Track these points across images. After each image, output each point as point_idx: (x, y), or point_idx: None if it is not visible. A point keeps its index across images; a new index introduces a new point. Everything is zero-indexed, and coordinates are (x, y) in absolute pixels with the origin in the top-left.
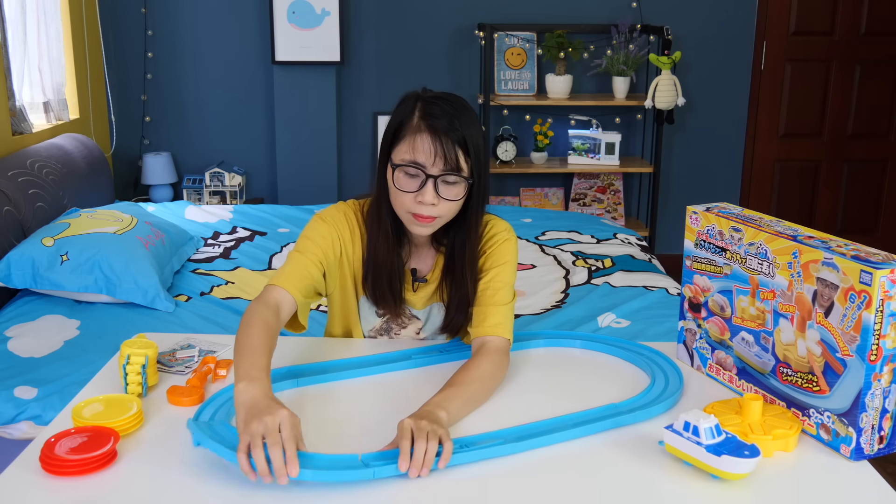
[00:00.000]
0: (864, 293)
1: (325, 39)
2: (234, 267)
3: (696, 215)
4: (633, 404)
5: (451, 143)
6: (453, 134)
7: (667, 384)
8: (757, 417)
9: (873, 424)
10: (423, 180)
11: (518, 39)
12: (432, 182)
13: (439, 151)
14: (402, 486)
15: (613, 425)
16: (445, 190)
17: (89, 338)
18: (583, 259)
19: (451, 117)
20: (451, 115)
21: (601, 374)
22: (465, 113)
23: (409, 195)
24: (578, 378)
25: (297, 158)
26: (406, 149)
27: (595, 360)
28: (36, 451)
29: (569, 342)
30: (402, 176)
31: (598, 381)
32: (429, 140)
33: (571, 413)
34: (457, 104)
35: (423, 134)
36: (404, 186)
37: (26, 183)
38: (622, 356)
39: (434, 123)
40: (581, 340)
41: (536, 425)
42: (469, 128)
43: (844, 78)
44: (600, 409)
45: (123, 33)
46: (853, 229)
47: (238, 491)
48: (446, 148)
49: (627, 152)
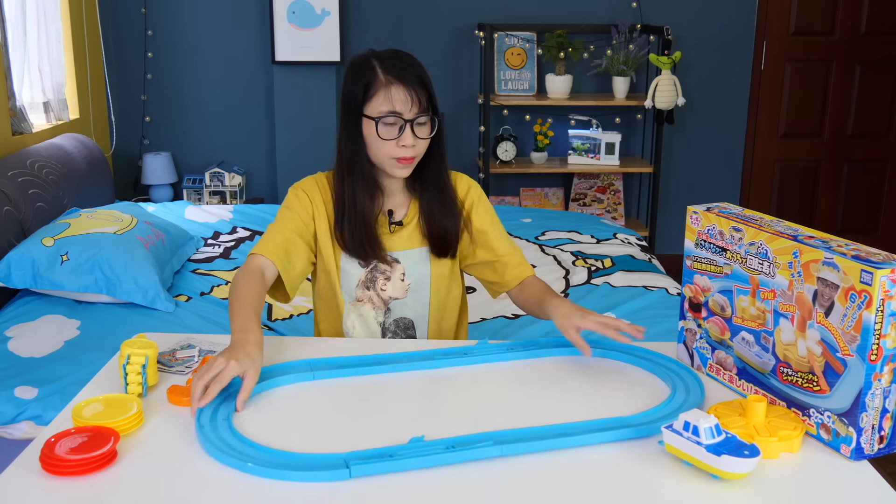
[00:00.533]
0: (865, 293)
1: (325, 39)
2: (234, 267)
3: (697, 215)
4: (652, 415)
5: (417, 87)
6: (416, 80)
7: (688, 395)
8: (761, 419)
9: (873, 424)
10: (402, 126)
11: (518, 39)
12: (410, 126)
13: (413, 97)
14: (391, 488)
15: (631, 435)
16: (420, 130)
17: (89, 338)
18: (583, 259)
19: (410, 66)
20: (409, 65)
21: (619, 382)
22: (415, 61)
23: (389, 143)
24: (593, 386)
25: (297, 158)
26: (382, 101)
27: (613, 368)
28: (36, 451)
29: (555, 351)
30: (382, 126)
31: (616, 389)
32: (403, 89)
33: (579, 421)
34: (406, 55)
35: (396, 85)
36: (386, 135)
37: (26, 183)
38: (643, 366)
39: (401, 75)
40: (601, 350)
41: (543, 429)
42: (424, 71)
43: (844, 78)
44: (615, 420)
45: (123, 33)
46: (853, 229)
47: (238, 491)
48: (416, 92)
49: (627, 152)
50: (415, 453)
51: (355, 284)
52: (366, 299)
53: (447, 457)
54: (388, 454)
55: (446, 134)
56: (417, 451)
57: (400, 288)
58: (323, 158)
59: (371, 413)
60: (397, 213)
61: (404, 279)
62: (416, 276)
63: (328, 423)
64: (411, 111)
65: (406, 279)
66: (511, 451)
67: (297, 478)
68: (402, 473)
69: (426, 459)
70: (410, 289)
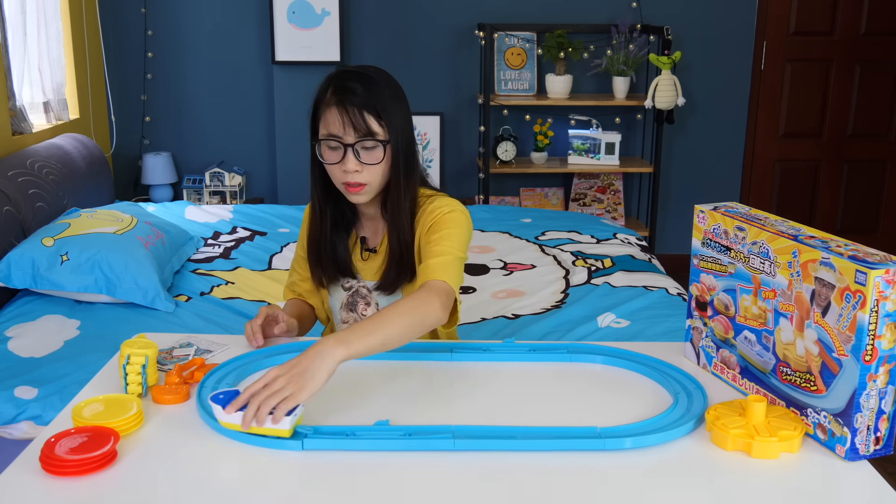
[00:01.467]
0: (859, 293)
1: (325, 39)
2: (234, 267)
3: (703, 214)
4: (645, 426)
5: (357, 110)
6: (360, 102)
7: (689, 406)
8: (761, 419)
9: (868, 425)
10: (343, 150)
11: (518, 39)
12: (351, 150)
13: (347, 120)
14: (342, 463)
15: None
16: (366, 155)
17: (89, 338)
18: (583, 259)
19: (360, 87)
20: (360, 85)
21: (620, 391)
22: (373, 82)
23: (336, 167)
24: (591, 393)
25: (297, 158)
26: (323, 124)
27: (620, 377)
28: (36, 451)
29: (590, 357)
30: (326, 150)
31: (616, 398)
32: (336, 112)
33: (556, 426)
34: (367, 74)
35: (332, 107)
36: (329, 159)
37: (26, 183)
38: (648, 374)
39: (342, 96)
40: (603, 356)
41: (500, 429)
42: (378, 94)
43: (844, 78)
44: (582, 430)
45: (123, 33)
46: (853, 229)
47: (238, 491)
48: (353, 116)
49: (627, 152)
50: (371, 435)
51: (339, 306)
52: (350, 321)
53: (401, 443)
54: (346, 433)
55: (417, 162)
56: (374, 433)
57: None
58: None
59: (367, 395)
60: (371, 240)
61: (380, 307)
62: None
63: (329, 399)
64: (348, 135)
65: (381, 307)
66: (465, 447)
67: (256, 442)
68: (356, 453)
69: (378, 443)
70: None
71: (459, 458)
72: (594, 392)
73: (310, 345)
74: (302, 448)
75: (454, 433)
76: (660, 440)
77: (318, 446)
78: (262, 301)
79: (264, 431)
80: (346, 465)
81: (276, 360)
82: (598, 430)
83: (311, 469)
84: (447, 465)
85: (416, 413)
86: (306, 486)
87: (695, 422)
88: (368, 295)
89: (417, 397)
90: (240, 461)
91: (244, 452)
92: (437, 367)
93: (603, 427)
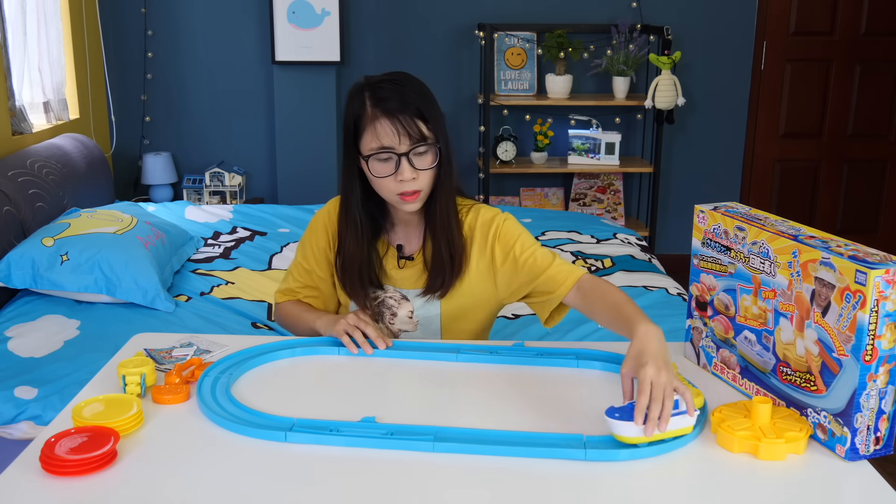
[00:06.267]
0: (860, 293)
1: (325, 39)
2: (234, 267)
3: (704, 214)
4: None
5: (407, 117)
6: (407, 109)
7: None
8: (766, 420)
9: (868, 425)
10: (397, 161)
11: (518, 39)
12: (405, 159)
13: (401, 129)
14: (325, 458)
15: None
16: (419, 161)
17: (89, 338)
18: (583, 259)
19: (399, 94)
20: (399, 92)
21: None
22: (409, 85)
23: (389, 179)
24: (590, 400)
25: (297, 158)
26: (371, 138)
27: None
28: (36, 451)
29: (598, 364)
30: (377, 163)
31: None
32: (387, 123)
33: (546, 432)
34: (400, 79)
35: (380, 120)
36: (382, 172)
37: (26, 183)
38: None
39: (387, 106)
40: (601, 362)
41: (482, 433)
42: (419, 97)
43: (844, 78)
44: (568, 437)
45: (123, 33)
46: (853, 229)
47: (238, 491)
48: (406, 124)
49: (627, 152)
50: (353, 433)
51: None
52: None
53: (381, 442)
54: (330, 427)
55: (455, 162)
56: (356, 430)
57: (408, 323)
58: (323, 158)
59: (366, 392)
60: (408, 248)
61: (412, 317)
62: (425, 315)
63: (322, 394)
64: (402, 144)
65: (414, 317)
66: (445, 449)
67: (244, 432)
68: (338, 448)
69: (359, 440)
70: (420, 324)
71: (442, 460)
72: (598, 399)
73: (309, 341)
74: (284, 440)
75: (435, 435)
76: (627, 456)
77: (300, 440)
78: (261, 301)
79: (670, 434)
80: (330, 459)
81: (274, 356)
82: (584, 439)
83: (298, 463)
84: (430, 465)
85: (414, 413)
86: (291, 479)
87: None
88: (395, 304)
89: (416, 397)
90: (240, 461)
91: (244, 452)
92: (441, 367)
93: (590, 436)
